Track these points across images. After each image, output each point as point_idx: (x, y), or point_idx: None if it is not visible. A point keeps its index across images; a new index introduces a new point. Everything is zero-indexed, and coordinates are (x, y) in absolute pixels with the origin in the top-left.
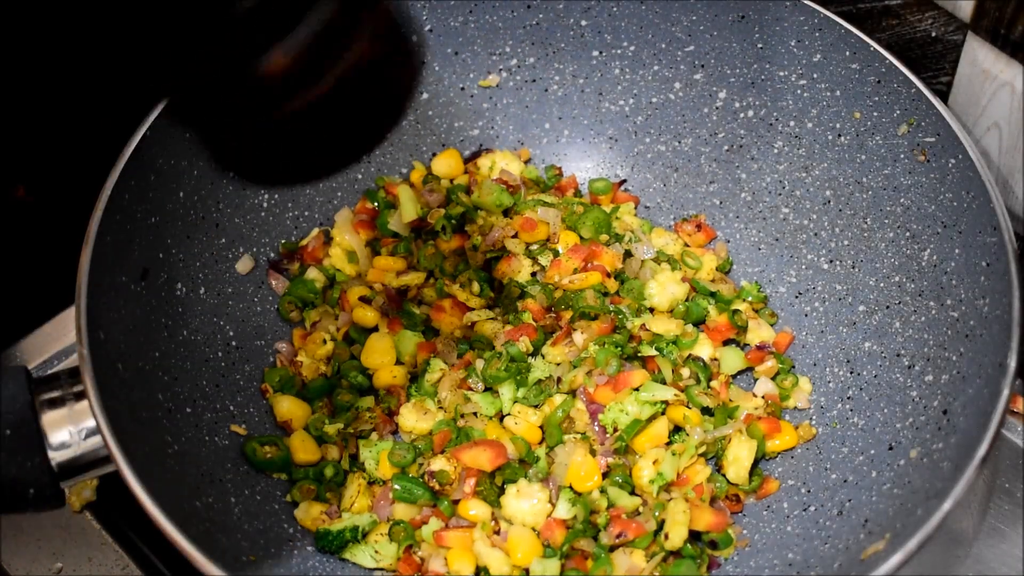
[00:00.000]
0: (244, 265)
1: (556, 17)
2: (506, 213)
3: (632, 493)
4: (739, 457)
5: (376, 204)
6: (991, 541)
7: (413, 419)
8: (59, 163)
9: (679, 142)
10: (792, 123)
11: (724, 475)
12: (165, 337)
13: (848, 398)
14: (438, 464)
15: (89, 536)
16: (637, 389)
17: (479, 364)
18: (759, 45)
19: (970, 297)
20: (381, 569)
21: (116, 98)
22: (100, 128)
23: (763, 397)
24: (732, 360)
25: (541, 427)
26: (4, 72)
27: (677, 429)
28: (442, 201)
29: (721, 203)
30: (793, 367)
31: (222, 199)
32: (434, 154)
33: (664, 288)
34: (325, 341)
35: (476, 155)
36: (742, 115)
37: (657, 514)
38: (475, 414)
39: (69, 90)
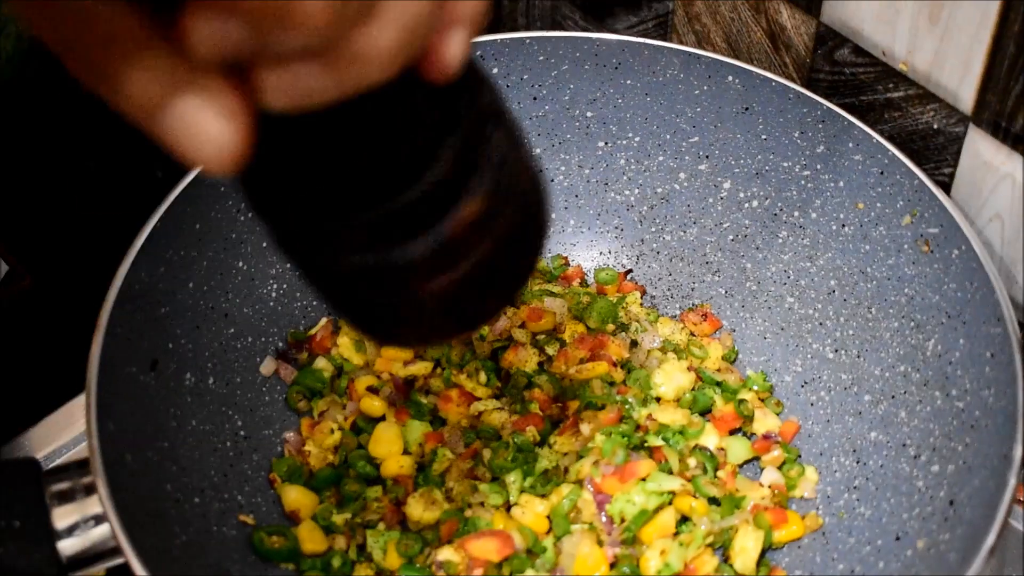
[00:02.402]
0: (268, 367)
1: (562, 109)
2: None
3: None
4: (746, 547)
5: None
6: None
7: (420, 509)
8: (67, 252)
9: (684, 232)
10: (796, 213)
11: (731, 565)
12: (174, 427)
13: (855, 488)
14: (445, 554)
15: None
16: (644, 479)
17: (486, 454)
18: (763, 136)
19: (975, 387)
20: None
21: (125, 188)
22: (108, 218)
23: (769, 487)
24: (738, 450)
25: (548, 517)
26: (12, 160)
27: (684, 519)
28: None
29: (726, 292)
30: (799, 456)
31: (231, 289)
32: None
33: (671, 378)
34: (333, 431)
35: None
36: (747, 205)
37: None
38: (482, 504)
39: (79, 179)
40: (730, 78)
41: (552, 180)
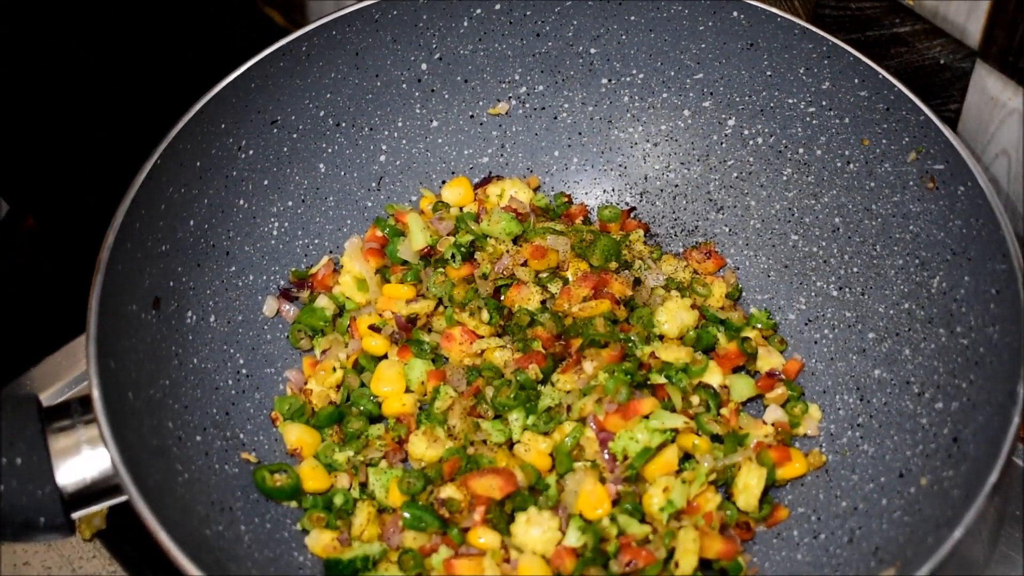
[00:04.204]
0: (270, 308)
1: (565, 45)
2: (515, 241)
3: (642, 521)
4: (749, 485)
5: (386, 232)
6: (1002, 569)
7: (423, 447)
8: (69, 192)
9: (688, 169)
10: (801, 150)
11: (734, 503)
12: (175, 365)
13: (858, 425)
14: (448, 492)
15: (99, 565)
16: (647, 417)
17: (489, 392)
18: (768, 73)
19: (980, 324)
20: None
21: (126, 126)
22: (110, 156)
23: (773, 425)
24: (742, 387)
25: (551, 455)
26: (14, 101)
27: (687, 457)
28: (451, 229)
29: (730, 230)
30: (803, 394)
31: (232, 227)
32: (444, 182)
33: (674, 316)
34: (335, 369)
35: (485, 182)
36: (751, 142)
37: (667, 542)
38: (485, 442)
39: (79, 119)
40: (735, 14)
41: (555, 118)
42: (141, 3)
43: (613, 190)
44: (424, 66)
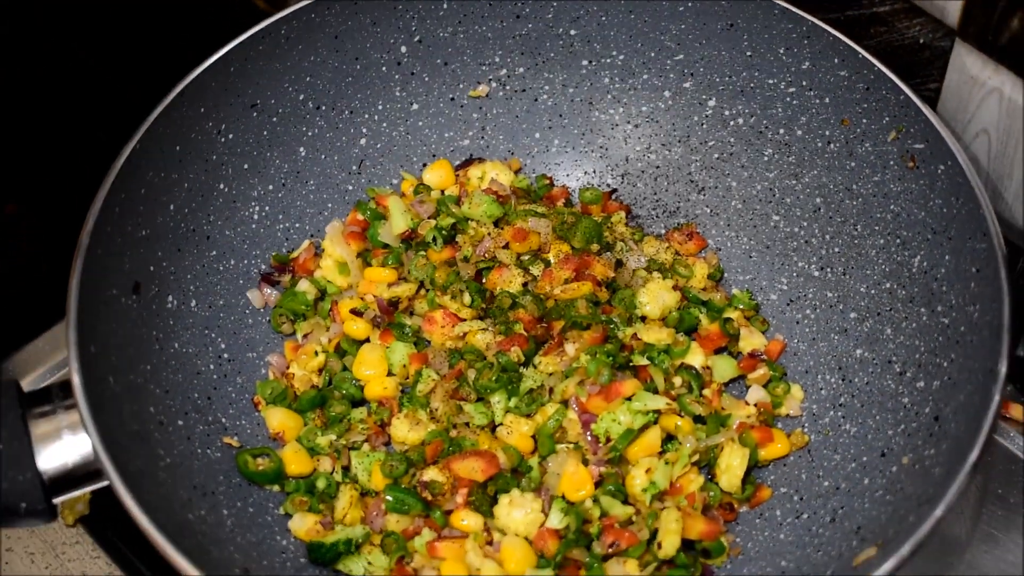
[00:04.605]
0: (257, 300)
1: (545, 27)
2: (497, 223)
3: (625, 502)
4: (732, 465)
5: (367, 215)
6: (984, 547)
7: (405, 430)
8: (49, 177)
9: (669, 151)
10: (782, 131)
11: (717, 483)
12: (156, 350)
13: (840, 405)
14: (430, 475)
15: (82, 550)
16: (629, 399)
17: (471, 374)
18: (748, 53)
19: (960, 303)
20: None
21: (105, 111)
22: (90, 141)
23: (755, 405)
24: (724, 368)
25: (533, 437)
26: (14, 100)
27: (670, 438)
28: (433, 212)
29: (712, 211)
30: (785, 374)
31: (212, 211)
32: (424, 165)
33: (656, 297)
34: (317, 353)
35: (466, 165)
36: (732, 123)
37: (650, 523)
38: (467, 424)
39: (79, 118)
40: None
41: (536, 100)
42: (141, 3)
43: (594, 172)
44: (404, 49)
